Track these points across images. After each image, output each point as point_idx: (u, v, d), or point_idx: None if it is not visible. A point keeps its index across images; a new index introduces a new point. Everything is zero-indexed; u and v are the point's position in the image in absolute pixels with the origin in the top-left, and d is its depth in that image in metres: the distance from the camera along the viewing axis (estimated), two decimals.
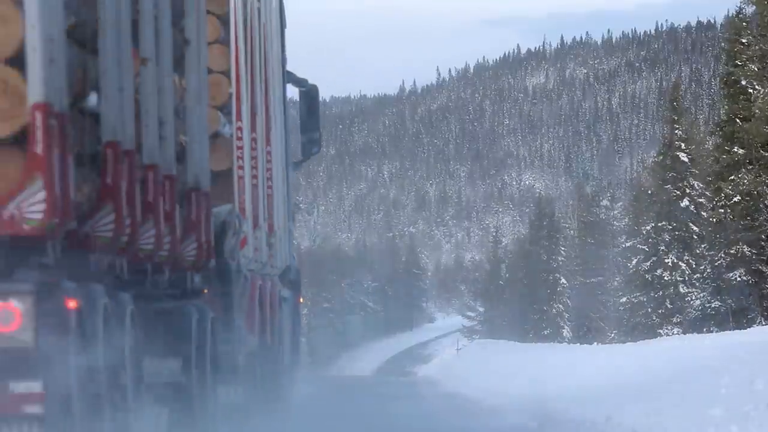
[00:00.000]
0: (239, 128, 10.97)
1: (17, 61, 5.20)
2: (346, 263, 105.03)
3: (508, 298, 71.79)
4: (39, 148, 5.09)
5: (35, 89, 5.15)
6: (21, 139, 5.14)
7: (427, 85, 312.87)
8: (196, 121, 8.16)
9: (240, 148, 10.96)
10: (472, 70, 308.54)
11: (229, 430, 9.13)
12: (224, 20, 10.61)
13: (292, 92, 15.63)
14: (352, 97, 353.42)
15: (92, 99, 5.96)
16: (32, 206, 5.09)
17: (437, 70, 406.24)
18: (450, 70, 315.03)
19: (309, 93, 15.79)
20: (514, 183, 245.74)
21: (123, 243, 6.18)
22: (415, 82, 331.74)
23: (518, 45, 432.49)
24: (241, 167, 10.95)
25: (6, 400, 5.14)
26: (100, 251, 6.01)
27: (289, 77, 14.92)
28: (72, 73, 5.56)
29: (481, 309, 77.95)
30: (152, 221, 6.76)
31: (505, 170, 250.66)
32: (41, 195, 5.08)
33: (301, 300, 16.25)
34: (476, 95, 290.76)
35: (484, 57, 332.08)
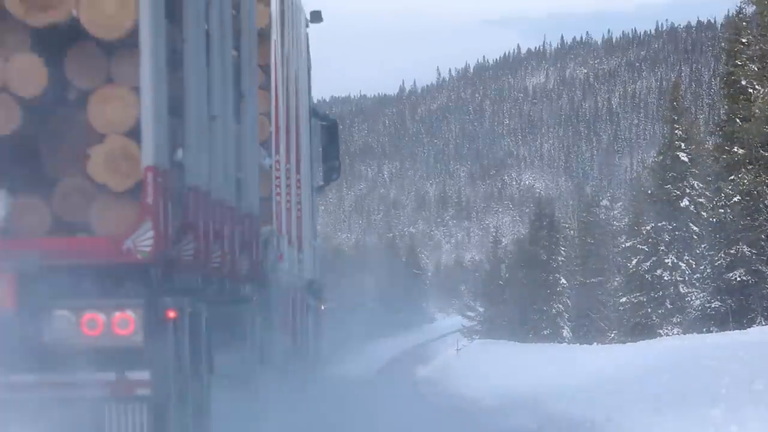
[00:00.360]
0: (277, 161, 12.92)
1: (134, 133, 6.94)
2: (346, 263, 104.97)
3: (508, 298, 71.76)
4: (149, 199, 6.90)
5: (147, 155, 6.93)
6: (135, 191, 6.92)
7: (427, 85, 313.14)
8: (249, 159, 10.13)
9: (278, 177, 12.96)
10: (472, 70, 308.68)
11: (271, 412, 11.00)
12: (266, 70, 12.50)
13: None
14: (352, 97, 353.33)
15: (179, 153, 7.64)
16: (143, 242, 6.89)
17: (437, 70, 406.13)
18: (450, 70, 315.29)
19: (330, 127, 18.00)
20: (514, 183, 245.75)
21: (200, 263, 7.97)
22: (415, 82, 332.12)
23: (518, 45, 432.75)
24: (278, 194, 12.99)
25: (124, 385, 6.99)
26: (185, 271, 7.77)
27: (314, 113, 17.10)
28: (170, 138, 7.35)
29: (481, 309, 77.90)
30: (219, 244, 8.54)
31: (505, 170, 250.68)
32: (150, 233, 6.90)
33: (323, 307, 18.45)
34: (476, 95, 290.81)
35: (484, 57, 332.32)
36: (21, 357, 6.94)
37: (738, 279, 33.62)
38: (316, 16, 16.94)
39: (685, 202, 41.08)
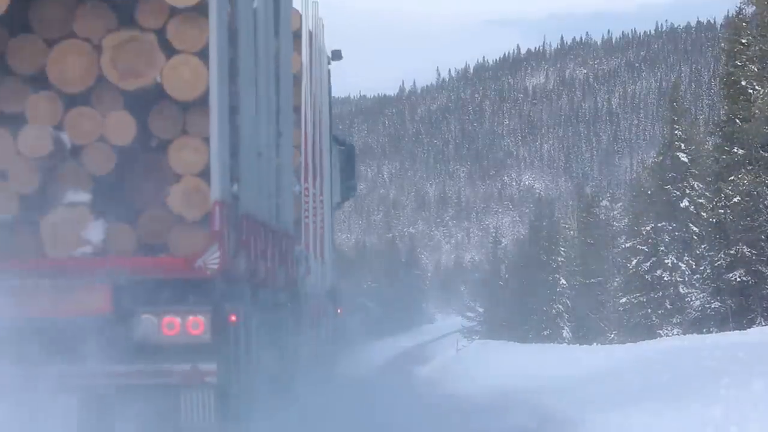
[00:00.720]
0: (306, 188, 15.14)
1: (204, 174, 8.99)
2: (345, 263, 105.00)
3: (508, 298, 71.76)
4: (216, 227, 8.91)
5: (215, 191, 8.93)
6: (205, 220, 8.96)
7: (427, 85, 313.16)
8: (285, 187, 12.27)
9: (306, 202, 15.14)
10: (472, 71, 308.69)
11: (301, 400, 13.17)
12: (297, 110, 14.43)
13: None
14: (352, 97, 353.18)
15: (235, 187, 9.50)
16: (212, 261, 8.85)
17: (437, 70, 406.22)
18: (450, 70, 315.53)
19: (348, 150, 20.49)
20: (514, 183, 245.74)
21: (250, 276, 9.96)
22: (415, 82, 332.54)
23: (518, 45, 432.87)
24: (306, 216, 15.16)
25: (196, 374, 8.87)
26: (240, 283, 9.71)
27: (334, 138, 19.19)
28: (230, 175, 9.40)
29: (481, 309, 77.91)
30: (264, 260, 10.54)
31: (505, 170, 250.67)
32: (217, 254, 8.87)
33: (340, 311, 20.62)
34: (476, 95, 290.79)
35: (484, 57, 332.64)
36: (115, 352, 8.85)
37: (738, 279, 33.62)
38: (337, 55, 19.26)
39: (684, 203, 41.08)
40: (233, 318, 9.13)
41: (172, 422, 8.92)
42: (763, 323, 31.57)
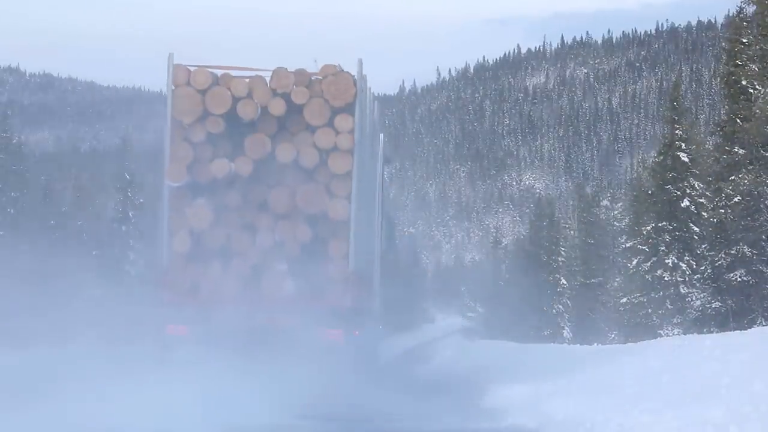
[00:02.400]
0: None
1: (347, 257, 18.85)
2: None
3: (508, 298, 71.75)
4: (348, 285, 18.48)
5: (352, 262, 18.71)
6: (344, 281, 18.49)
7: (427, 85, 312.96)
8: (374, 247, 21.01)
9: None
10: (472, 70, 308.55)
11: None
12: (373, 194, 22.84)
13: None
14: None
15: (361, 262, 19.46)
16: (348, 300, 19.05)
17: (437, 70, 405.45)
18: (450, 70, 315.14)
19: (390, 218, 28.72)
20: (514, 183, 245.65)
21: (360, 306, 18.98)
22: (415, 82, 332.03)
23: (518, 45, 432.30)
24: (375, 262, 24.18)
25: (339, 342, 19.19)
26: (359, 312, 19.43)
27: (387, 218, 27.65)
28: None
29: (481, 309, 77.93)
30: (364, 296, 19.54)
31: (505, 170, 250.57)
32: (350, 297, 18.99)
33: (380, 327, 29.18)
34: (476, 95, 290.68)
35: (484, 57, 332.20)
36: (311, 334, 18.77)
37: (738, 279, 33.59)
38: (388, 159, 26.70)
39: (685, 203, 41.03)
40: (356, 332, 19.52)
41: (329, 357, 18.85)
42: (764, 323, 31.53)
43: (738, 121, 33.87)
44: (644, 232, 41.93)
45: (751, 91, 33.98)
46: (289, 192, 19.29)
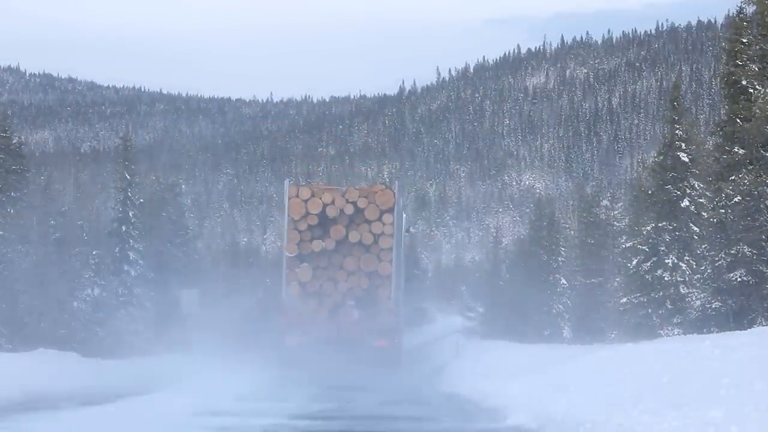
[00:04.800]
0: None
1: (389, 299, 34.95)
2: None
3: (508, 298, 71.72)
4: (391, 313, 34.75)
5: (392, 303, 34.93)
6: (387, 311, 34.83)
7: (427, 85, 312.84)
8: (401, 290, 37.25)
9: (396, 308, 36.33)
10: (472, 70, 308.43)
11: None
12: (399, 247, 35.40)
13: None
14: (352, 97, 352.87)
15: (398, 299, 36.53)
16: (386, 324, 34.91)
17: (437, 70, 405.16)
18: (450, 70, 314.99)
19: (410, 277, 42.95)
20: (514, 183, 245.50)
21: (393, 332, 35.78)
22: (415, 82, 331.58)
23: (518, 45, 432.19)
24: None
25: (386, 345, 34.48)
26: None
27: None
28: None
29: (481, 309, 77.82)
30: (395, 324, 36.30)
31: (505, 170, 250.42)
32: (393, 321, 35.05)
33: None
34: (476, 95, 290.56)
35: (484, 57, 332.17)
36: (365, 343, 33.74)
37: (738, 279, 33.55)
38: (407, 229, 35.43)
39: (685, 203, 40.99)
40: (396, 341, 33.82)
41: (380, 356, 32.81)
42: (764, 323, 31.51)
43: (738, 121, 33.83)
44: (644, 232, 41.88)
45: (751, 91, 33.94)
46: (355, 259, 34.53)
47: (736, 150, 33.71)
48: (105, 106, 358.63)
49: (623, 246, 47.91)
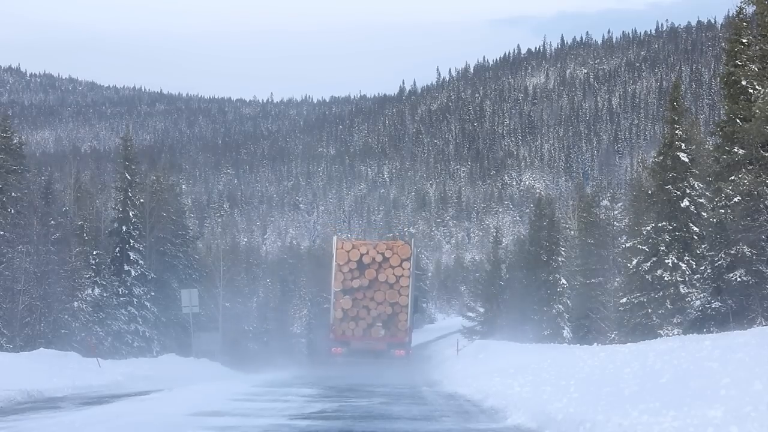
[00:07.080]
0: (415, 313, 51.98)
1: (406, 327, 47.97)
2: None
3: (508, 298, 71.73)
4: (406, 333, 47.43)
5: (408, 325, 47.57)
6: (403, 330, 47.89)
7: (427, 85, 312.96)
8: (413, 319, 50.39)
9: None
10: (472, 70, 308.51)
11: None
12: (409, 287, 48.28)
13: None
14: (352, 97, 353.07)
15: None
16: (403, 339, 47.90)
17: (437, 70, 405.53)
18: (450, 70, 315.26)
19: (416, 298, 50.13)
20: (514, 183, 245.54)
21: (407, 348, 48.72)
22: (415, 82, 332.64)
23: (518, 45, 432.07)
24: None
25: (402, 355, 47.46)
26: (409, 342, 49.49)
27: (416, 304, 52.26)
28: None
29: (481, 309, 77.88)
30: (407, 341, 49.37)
31: (505, 170, 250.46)
32: (407, 338, 47.60)
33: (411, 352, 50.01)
34: (476, 95, 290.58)
35: (484, 57, 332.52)
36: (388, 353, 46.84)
37: (738, 279, 33.57)
38: (417, 267, 55.23)
39: (685, 203, 41.02)
40: (401, 352, 46.47)
41: (397, 362, 45.88)
42: (764, 323, 31.53)
43: (738, 121, 33.85)
44: (644, 232, 41.90)
45: (751, 91, 33.97)
46: (382, 293, 46.85)
47: (736, 150, 33.72)
48: (105, 106, 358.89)
49: (623, 246, 47.94)
